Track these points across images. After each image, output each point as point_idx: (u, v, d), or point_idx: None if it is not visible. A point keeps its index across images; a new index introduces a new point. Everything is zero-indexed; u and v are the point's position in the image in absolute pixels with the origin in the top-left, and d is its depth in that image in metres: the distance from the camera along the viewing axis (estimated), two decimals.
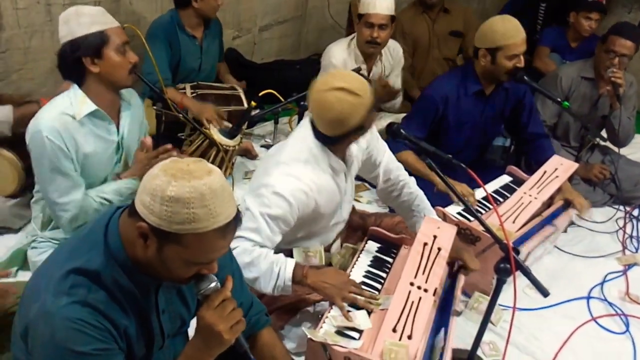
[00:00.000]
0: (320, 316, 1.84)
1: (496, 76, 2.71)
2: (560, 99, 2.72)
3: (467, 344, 2.02)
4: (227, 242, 1.22)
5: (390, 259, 2.16)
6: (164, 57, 3.07)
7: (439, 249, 1.90)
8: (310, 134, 1.93)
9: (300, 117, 3.14)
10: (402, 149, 2.63)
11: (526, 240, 2.44)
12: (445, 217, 2.35)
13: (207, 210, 1.13)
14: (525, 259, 2.43)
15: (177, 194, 1.11)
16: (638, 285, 2.68)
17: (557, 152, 2.95)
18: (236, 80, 3.61)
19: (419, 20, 3.91)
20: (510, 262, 1.68)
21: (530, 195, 2.53)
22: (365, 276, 2.03)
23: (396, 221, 2.41)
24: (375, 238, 2.25)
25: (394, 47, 3.43)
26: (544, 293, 1.73)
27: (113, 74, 1.97)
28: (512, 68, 2.62)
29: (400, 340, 1.62)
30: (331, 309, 1.80)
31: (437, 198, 2.43)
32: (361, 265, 2.08)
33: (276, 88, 3.10)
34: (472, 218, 2.40)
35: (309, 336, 1.63)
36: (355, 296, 1.82)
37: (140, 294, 1.27)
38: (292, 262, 1.86)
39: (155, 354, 1.39)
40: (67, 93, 2.00)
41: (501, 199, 2.63)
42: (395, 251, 2.20)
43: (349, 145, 2.00)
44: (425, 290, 1.77)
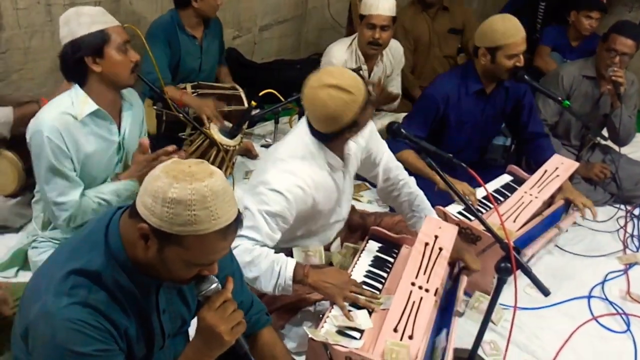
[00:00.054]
0: (321, 316, 1.84)
1: (496, 75, 2.70)
2: (561, 98, 2.71)
3: (467, 344, 2.02)
4: (228, 244, 1.22)
5: (391, 259, 2.15)
6: (163, 57, 3.07)
7: (440, 249, 1.90)
8: (306, 130, 1.94)
9: (301, 116, 3.13)
10: (403, 149, 2.63)
11: (530, 242, 2.44)
12: (445, 217, 2.35)
13: (208, 212, 1.13)
14: (528, 260, 2.42)
15: (179, 195, 1.11)
16: (639, 284, 2.68)
17: (558, 151, 2.95)
18: (236, 84, 3.60)
19: (419, 19, 3.91)
20: (511, 261, 1.67)
21: (530, 195, 2.53)
22: (366, 276, 2.03)
23: (396, 220, 2.41)
24: (376, 238, 2.25)
25: (395, 47, 3.43)
26: (545, 292, 1.72)
27: (115, 72, 1.97)
28: (512, 67, 2.62)
29: (401, 340, 1.62)
30: (332, 308, 1.80)
31: (438, 197, 2.42)
32: (362, 265, 2.08)
33: (276, 88, 3.09)
34: (472, 217, 2.40)
35: (310, 336, 1.63)
36: (357, 295, 1.82)
37: (140, 294, 1.27)
38: (293, 261, 1.86)
39: (155, 354, 1.39)
40: (68, 93, 2.00)
41: (502, 198, 2.62)
42: (396, 251, 2.20)
43: (345, 143, 2.00)
44: (427, 290, 1.77)
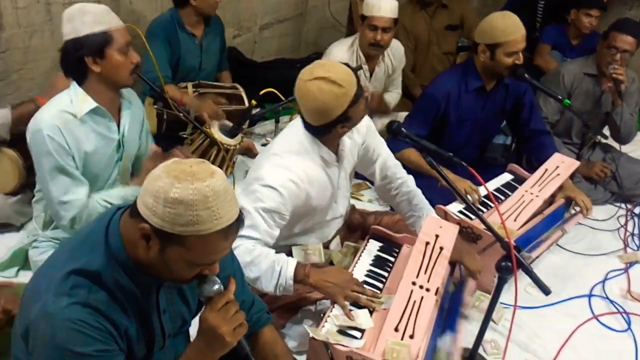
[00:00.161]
0: (322, 315, 1.84)
1: (496, 72, 2.70)
2: (562, 96, 2.71)
3: (468, 343, 2.02)
4: (230, 243, 1.22)
5: (392, 258, 2.15)
6: (164, 55, 3.06)
7: (441, 248, 1.90)
8: (301, 125, 1.95)
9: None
10: (405, 147, 2.63)
11: (533, 244, 2.45)
12: (446, 216, 2.34)
13: (210, 212, 1.13)
14: (531, 262, 2.42)
15: (181, 196, 1.11)
16: (639, 283, 2.68)
17: (559, 150, 2.94)
18: (236, 84, 3.58)
19: (417, 18, 3.91)
20: (512, 260, 1.67)
21: (531, 194, 2.52)
22: (367, 275, 2.03)
23: (396, 219, 2.41)
24: (377, 237, 2.24)
25: (396, 47, 3.42)
26: (546, 291, 1.72)
27: (115, 73, 1.97)
28: (512, 64, 2.61)
29: (402, 339, 1.62)
30: (333, 307, 1.80)
31: (439, 196, 2.42)
32: (363, 264, 2.08)
33: (277, 87, 3.09)
34: (473, 216, 2.40)
35: (311, 335, 1.63)
36: (358, 295, 1.82)
37: (141, 294, 1.27)
38: (294, 261, 1.86)
39: (155, 354, 1.39)
40: (67, 91, 2.00)
41: (502, 197, 2.62)
42: (397, 250, 2.20)
43: (338, 138, 2.00)
44: (427, 290, 1.77)
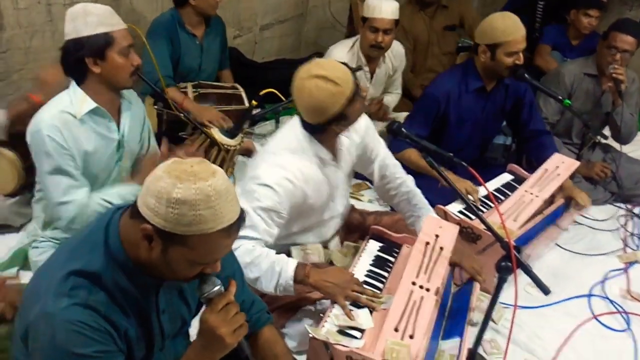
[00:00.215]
0: (321, 315, 1.84)
1: (496, 72, 2.70)
2: (562, 97, 2.71)
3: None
4: (232, 241, 1.23)
5: (392, 258, 2.15)
6: (165, 54, 3.06)
7: (441, 249, 1.90)
8: (298, 124, 1.95)
9: None
10: (406, 148, 2.63)
11: (530, 241, 2.44)
12: (446, 216, 2.35)
13: (212, 212, 1.13)
14: (527, 259, 2.42)
15: (183, 196, 1.11)
16: (639, 283, 2.68)
17: (559, 150, 2.94)
18: (237, 84, 3.58)
19: (417, 18, 3.90)
20: (512, 260, 1.67)
21: (531, 194, 2.53)
22: (367, 275, 2.03)
23: (396, 219, 2.41)
24: (377, 237, 2.25)
25: (396, 48, 3.41)
26: (545, 291, 1.72)
27: (114, 75, 1.97)
28: (512, 65, 2.61)
29: (402, 339, 1.62)
30: (333, 307, 1.80)
31: (439, 196, 2.42)
32: (363, 264, 2.08)
33: (277, 87, 3.08)
34: (473, 216, 2.40)
35: (311, 334, 1.63)
36: (358, 295, 1.82)
37: (140, 294, 1.27)
38: (294, 261, 1.86)
39: (155, 354, 1.39)
40: (66, 92, 2.00)
41: (502, 197, 2.62)
42: (397, 250, 2.20)
43: (335, 137, 2.00)
44: (427, 290, 1.77)
